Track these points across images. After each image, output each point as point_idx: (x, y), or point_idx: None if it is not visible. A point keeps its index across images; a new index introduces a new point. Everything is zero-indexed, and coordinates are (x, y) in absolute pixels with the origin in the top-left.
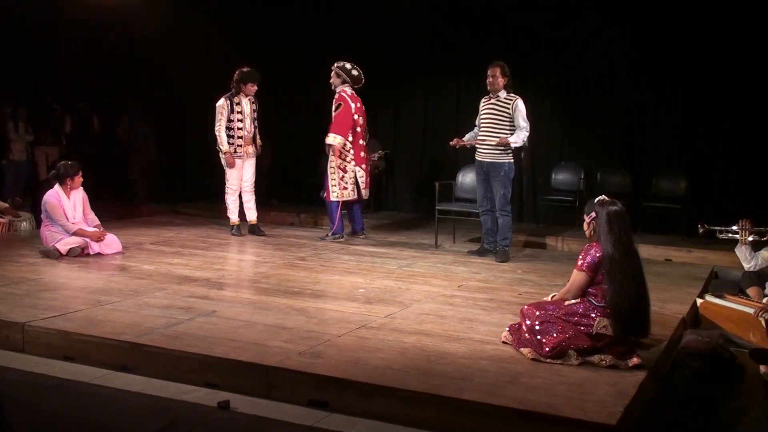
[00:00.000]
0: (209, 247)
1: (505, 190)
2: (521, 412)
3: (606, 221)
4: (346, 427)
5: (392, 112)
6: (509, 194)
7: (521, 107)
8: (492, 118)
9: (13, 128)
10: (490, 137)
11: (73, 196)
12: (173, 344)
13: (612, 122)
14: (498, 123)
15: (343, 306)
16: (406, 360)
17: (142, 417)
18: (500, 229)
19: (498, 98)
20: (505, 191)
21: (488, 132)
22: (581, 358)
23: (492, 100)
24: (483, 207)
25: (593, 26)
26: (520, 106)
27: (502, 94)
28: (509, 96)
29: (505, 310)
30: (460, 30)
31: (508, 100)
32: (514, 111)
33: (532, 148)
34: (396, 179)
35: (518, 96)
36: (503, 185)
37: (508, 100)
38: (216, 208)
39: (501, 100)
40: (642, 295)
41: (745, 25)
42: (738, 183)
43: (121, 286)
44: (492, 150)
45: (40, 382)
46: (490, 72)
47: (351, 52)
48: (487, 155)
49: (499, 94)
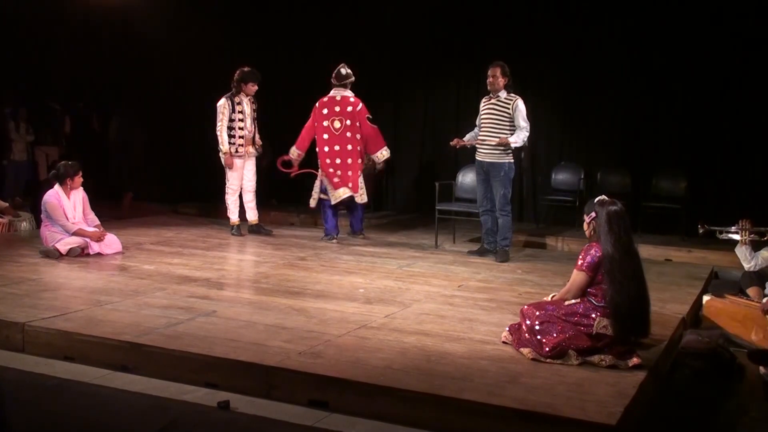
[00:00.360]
0: (209, 247)
1: (506, 190)
2: (521, 412)
3: (606, 221)
4: (346, 427)
5: (392, 112)
6: (509, 194)
7: (521, 107)
8: (492, 118)
9: (14, 128)
10: (490, 137)
11: (73, 196)
12: (173, 344)
13: (612, 122)
14: (498, 123)
15: (343, 306)
16: (406, 360)
17: (142, 417)
18: (500, 229)
19: (498, 98)
20: (506, 191)
21: (488, 132)
22: (581, 358)
23: (492, 100)
24: (483, 207)
25: (593, 26)
26: (521, 106)
27: (502, 94)
28: (509, 96)
29: (505, 310)
30: (460, 30)
31: (509, 100)
32: (515, 111)
33: (532, 148)
34: (396, 179)
35: (518, 96)
36: (503, 185)
37: (509, 100)
38: (216, 208)
39: (501, 101)
40: (642, 295)
41: (745, 25)
42: (738, 183)
43: (121, 286)
44: (492, 150)
45: (40, 382)
46: (490, 72)
47: (351, 52)
48: (488, 155)
49: (500, 94)
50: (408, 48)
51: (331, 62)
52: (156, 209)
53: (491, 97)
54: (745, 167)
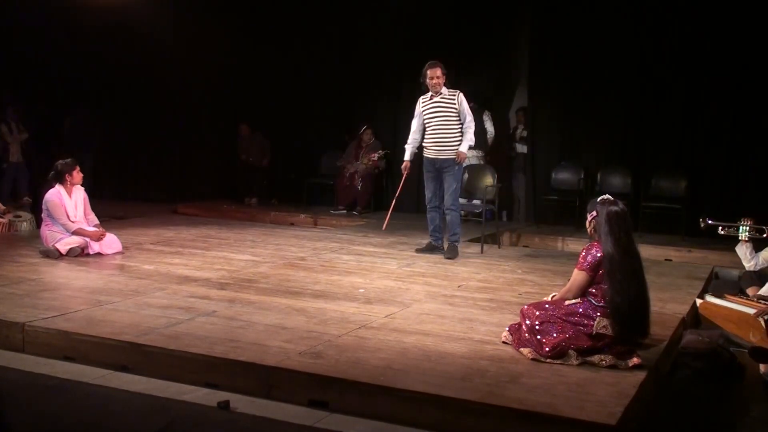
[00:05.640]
0: (209, 247)
1: (457, 184)
2: (521, 412)
3: (606, 221)
4: (346, 427)
5: (392, 112)
6: (459, 190)
7: (464, 99)
8: (441, 115)
9: (7, 131)
10: (442, 136)
11: (74, 195)
12: (173, 344)
13: (612, 122)
14: (448, 119)
15: (343, 306)
16: (406, 360)
17: (142, 417)
18: (450, 225)
19: (442, 96)
20: (457, 186)
21: (440, 130)
22: (581, 358)
23: (435, 99)
24: (431, 204)
25: (593, 26)
26: (464, 99)
27: (444, 91)
28: (451, 91)
29: (505, 310)
30: (460, 30)
31: (452, 95)
32: (461, 104)
33: (532, 148)
34: (396, 179)
35: (458, 90)
36: (456, 180)
37: (452, 95)
38: (216, 208)
39: (446, 98)
40: (642, 295)
41: (745, 25)
42: (738, 183)
43: (121, 286)
44: (444, 147)
45: (40, 382)
46: (430, 73)
47: (351, 52)
48: (440, 152)
49: (442, 92)
50: (408, 48)
51: (330, 62)
52: (156, 209)
53: (433, 96)
54: (745, 167)
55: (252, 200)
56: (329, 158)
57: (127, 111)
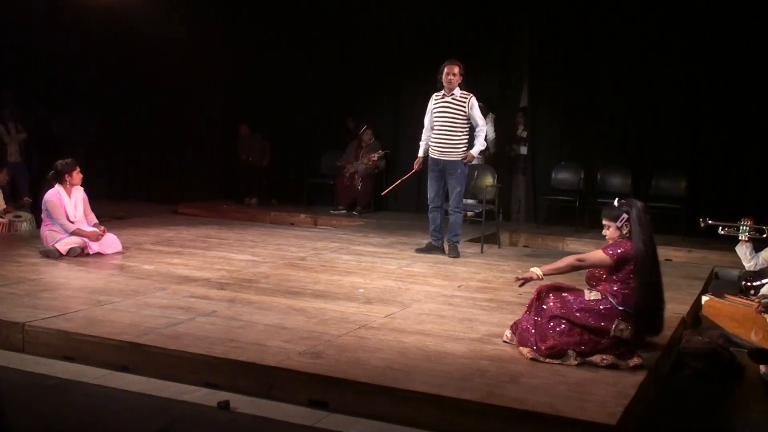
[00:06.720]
0: (209, 247)
1: (461, 187)
2: (521, 412)
3: (637, 217)
4: (346, 427)
5: (392, 112)
6: (463, 192)
7: (476, 105)
8: (447, 116)
9: (5, 131)
10: (445, 137)
11: (74, 195)
12: (173, 344)
13: (612, 122)
14: (454, 121)
15: (343, 306)
16: (406, 360)
17: (142, 417)
18: (452, 226)
19: (453, 96)
20: (461, 188)
21: (444, 131)
22: (580, 358)
23: (446, 99)
24: (434, 203)
25: (593, 26)
26: (476, 104)
27: (456, 92)
28: (464, 94)
29: (505, 310)
30: (460, 30)
31: (464, 98)
32: (471, 109)
33: (532, 148)
34: (396, 179)
35: (471, 93)
36: (459, 183)
37: (464, 97)
38: (216, 208)
39: (456, 99)
40: (662, 293)
41: (744, 25)
42: (738, 183)
43: (121, 286)
44: (449, 148)
45: (40, 382)
46: (448, 69)
47: (352, 52)
48: (444, 153)
49: (454, 92)
50: (408, 48)
51: (330, 62)
52: (156, 209)
53: (445, 95)
54: (745, 167)
55: (252, 200)
56: (329, 158)
57: (127, 111)
